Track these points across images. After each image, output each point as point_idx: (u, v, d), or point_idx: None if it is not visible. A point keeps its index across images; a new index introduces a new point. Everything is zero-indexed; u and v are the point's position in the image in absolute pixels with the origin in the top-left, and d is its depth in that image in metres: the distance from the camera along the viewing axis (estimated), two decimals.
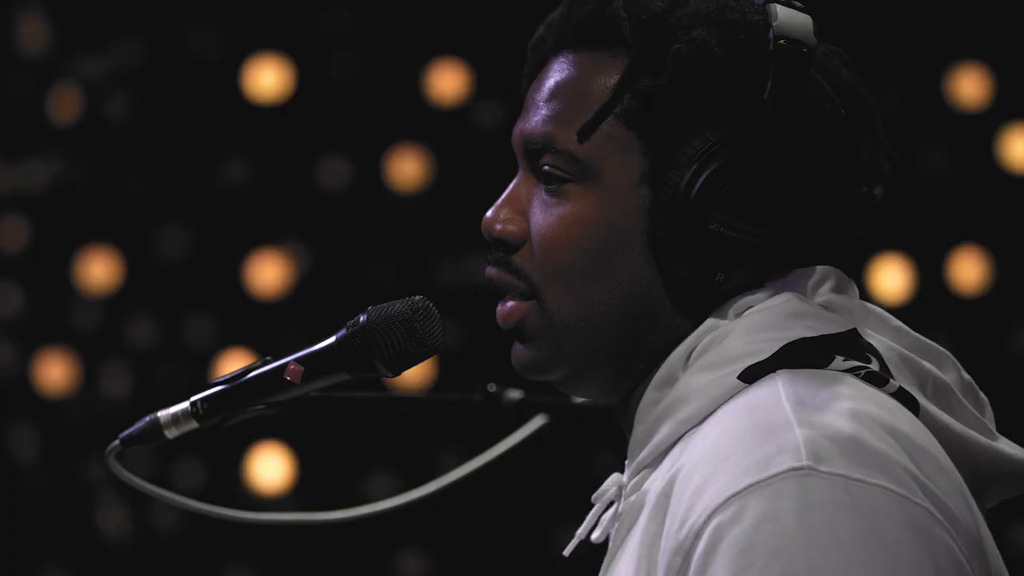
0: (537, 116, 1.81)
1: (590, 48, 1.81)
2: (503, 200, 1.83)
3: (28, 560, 4.52)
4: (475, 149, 4.53)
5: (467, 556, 4.53)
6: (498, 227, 1.82)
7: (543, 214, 1.80)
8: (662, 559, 1.62)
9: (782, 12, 1.74)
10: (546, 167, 1.80)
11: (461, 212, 4.53)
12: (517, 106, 1.87)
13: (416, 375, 4.40)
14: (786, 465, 1.56)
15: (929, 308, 4.44)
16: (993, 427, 1.77)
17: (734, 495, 1.57)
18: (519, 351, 1.83)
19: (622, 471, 1.81)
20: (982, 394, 1.80)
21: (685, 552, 1.59)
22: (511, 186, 1.84)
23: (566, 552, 1.83)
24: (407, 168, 4.58)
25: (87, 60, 4.56)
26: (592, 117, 1.78)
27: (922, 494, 1.57)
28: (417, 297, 1.88)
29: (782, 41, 1.73)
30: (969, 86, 4.45)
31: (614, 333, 1.78)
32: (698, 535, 1.58)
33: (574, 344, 1.79)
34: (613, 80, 1.78)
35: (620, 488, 1.78)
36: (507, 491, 4.39)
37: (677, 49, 1.74)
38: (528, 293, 1.81)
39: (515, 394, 2.49)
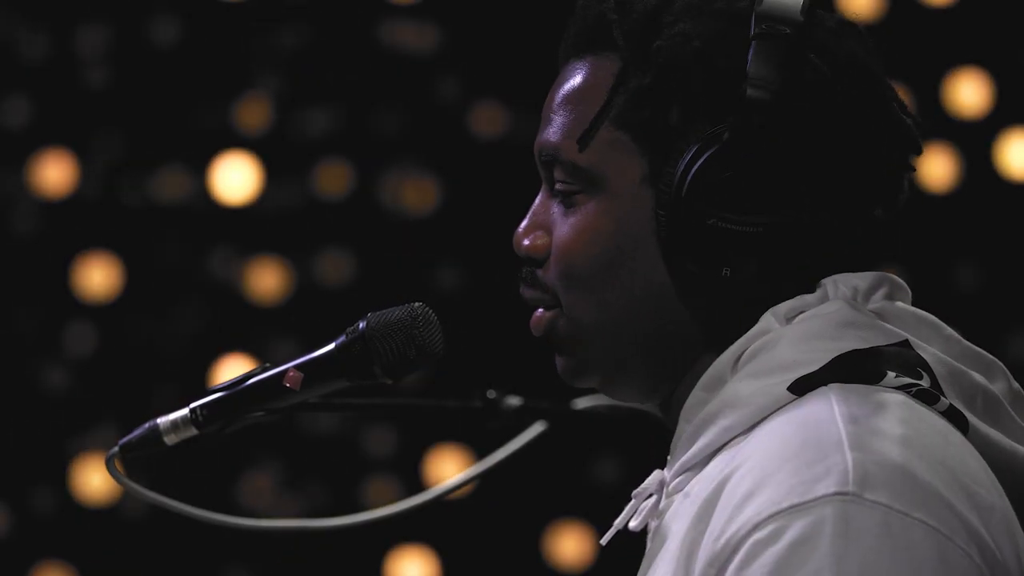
0: (545, 129, 1.81)
1: (591, 53, 1.80)
2: (528, 217, 1.83)
3: (28, 559, 4.52)
4: (476, 161, 4.53)
5: (467, 563, 4.53)
6: (525, 243, 1.82)
7: (559, 227, 1.79)
8: (697, 567, 1.61)
9: None
10: (557, 182, 1.80)
11: (462, 219, 4.54)
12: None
13: (416, 381, 4.40)
14: (831, 489, 1.56)
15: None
16: None
17: (776, 513, 1.56)
18: (557, 360, 1.83)
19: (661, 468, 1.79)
20: None
21: (720, 564, 1.58)
22: (536, 201, 1.83)
23: (603, 541, 1.82)
24: (410, 178, 4.58)
25: None
26: (588, 125, 1.77)
27: (964, 534, 1.56)
28: (417, 304, 1.88)
29: (763, 26, 1.71)
30: (969, 91, 4.45)
31: (638, 337, 1.77)
32: (735, 549, 1.57)
33: (601, 348, 1.78)
34: (607, 84, 1.77)
35: (662, 483, 1.76)
36: (507, 498, 4.39)
37: (658, 46, 1.74)
38: (553, 303, 1.80)
39: (514, 400, 2.49)
